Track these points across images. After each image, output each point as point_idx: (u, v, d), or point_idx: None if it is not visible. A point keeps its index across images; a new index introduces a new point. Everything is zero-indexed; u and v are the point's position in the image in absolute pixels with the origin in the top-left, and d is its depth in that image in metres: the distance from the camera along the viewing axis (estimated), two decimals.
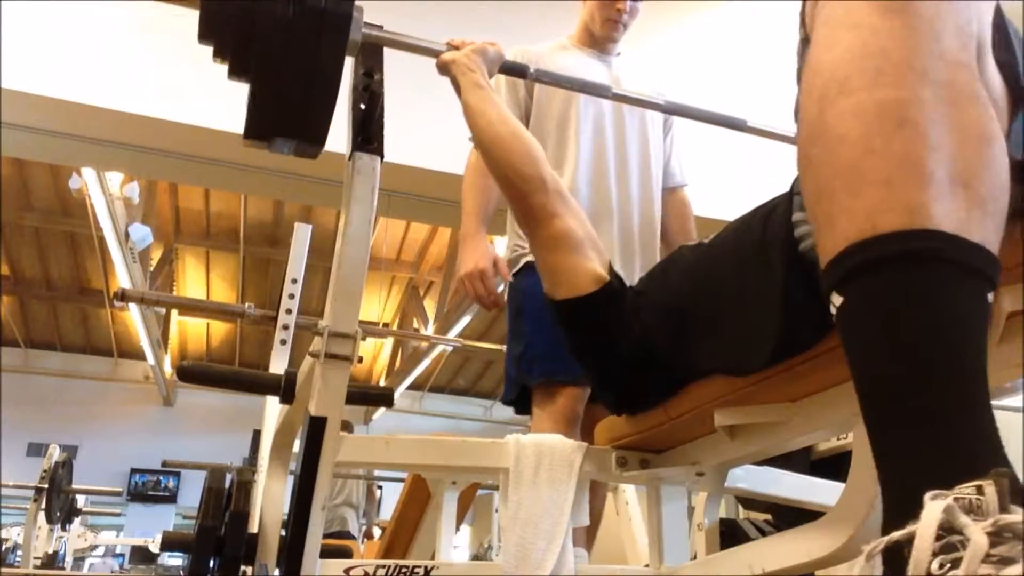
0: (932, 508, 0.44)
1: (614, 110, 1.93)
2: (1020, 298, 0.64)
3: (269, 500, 1.42)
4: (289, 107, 1.09)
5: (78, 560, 6.90)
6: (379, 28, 1.22)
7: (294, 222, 3.19)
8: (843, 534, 0.87)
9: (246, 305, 2.56)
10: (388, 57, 1.23)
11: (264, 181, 3.90)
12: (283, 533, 1.26)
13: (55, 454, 4.95)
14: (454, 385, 12.00)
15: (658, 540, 1.29)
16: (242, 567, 1.33)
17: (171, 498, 11.17)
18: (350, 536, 4.96)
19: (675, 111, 1.77)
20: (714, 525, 1.38)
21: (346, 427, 2.75)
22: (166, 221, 8.04)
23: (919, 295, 0.52)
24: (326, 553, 1.13)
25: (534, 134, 1.91)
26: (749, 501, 1.77)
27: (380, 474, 5.44)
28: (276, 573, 1.27)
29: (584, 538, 1.70)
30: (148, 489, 11.17)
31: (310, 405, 1.10)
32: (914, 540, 0.44)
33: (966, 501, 0.44)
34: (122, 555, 9.70)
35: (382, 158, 1.15)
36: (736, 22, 3.90)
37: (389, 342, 10.44)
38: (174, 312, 9.50)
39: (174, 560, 8.85)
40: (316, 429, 1.08)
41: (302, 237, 2.58)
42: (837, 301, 0.56)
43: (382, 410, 10.74)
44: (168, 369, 10.28)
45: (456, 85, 1.33)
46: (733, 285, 0.95)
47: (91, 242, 7.86)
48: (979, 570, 0.40)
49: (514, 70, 1.50)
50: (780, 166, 0.96)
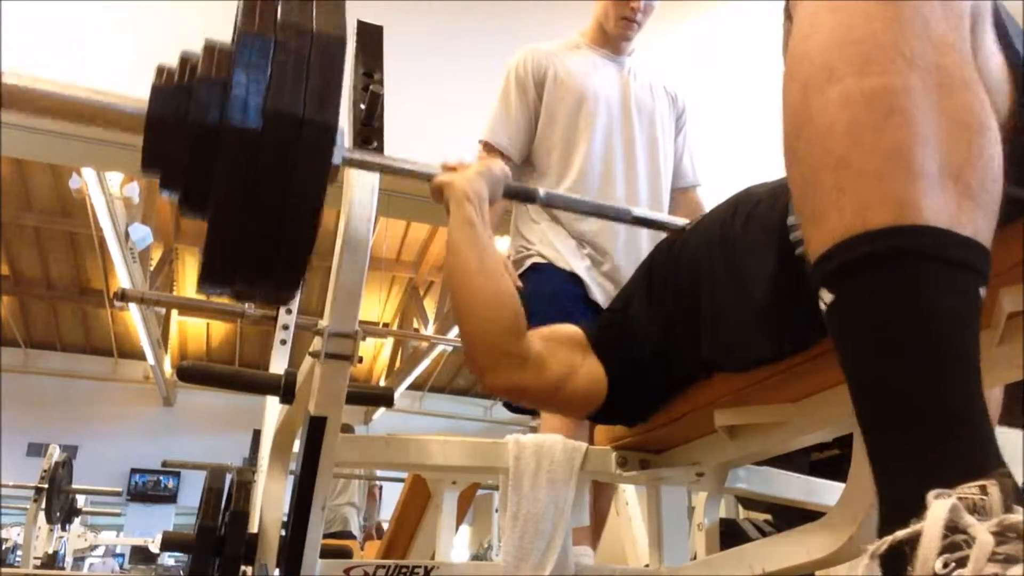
0: (938, 507, 0.44)
1: (623, 113, 1.92)
2: (1020, 299, 0.64)
3: (269, 500, 1.42)
4: (254, 253, 0.89)
5: (78, 560, 6.90)
6: (360, 150, 1.08)
7: None
8: (843, 534, 0.87)
9: (246, 305, 2.56)
10: (388, 57, 1.23)
11: None
12: (283, 533, 1.26)
13: (55, 454, 4.95)
14: (454, 385, 11.99)
15: (658, 540, 1.29)
16: (242, 567, 1.33)
17: (171, 498, 11.17)
18: (351, 536, 4.96)
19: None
20: (714, 525, 1.38)
21: (346, 430, 2.74)
22: (166, 221, 8.04)
23: (910, 293, 0.51)
24: (326, 553, 1.13)
25: (543, 137, 1.91)
26: (749, 501, 1.77)
27: (380, 474, 5.44)
28: (276, 573, 1.27)
29: (590, 537, 1.70)
30: (148, 489, 11.17)
31: (310, 405, 1.10)
32: (919, 539, 0.44)
33: (970, 501, 0.44)
34: (122, 555, 9.70)
35: None
36: (747, 20, 3.89)
37: (389, 342, 10.44)
38: (174, 312, 9.49)
39: (174, 560, 8.85)
40: (316, 429, 1.08)
41: None
42: (827, 298, 0.55)
43: (382, 410, 10.73)
44: (168, 369, 10.28)
45: (447, 212, 1.16)
46: (726, 281, 0.94)
47: (91, 242, 7.86)
48: (985, 569, 0.40)
49: (520, 195, 1.32)
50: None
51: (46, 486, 4.76)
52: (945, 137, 0.53)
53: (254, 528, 1.36)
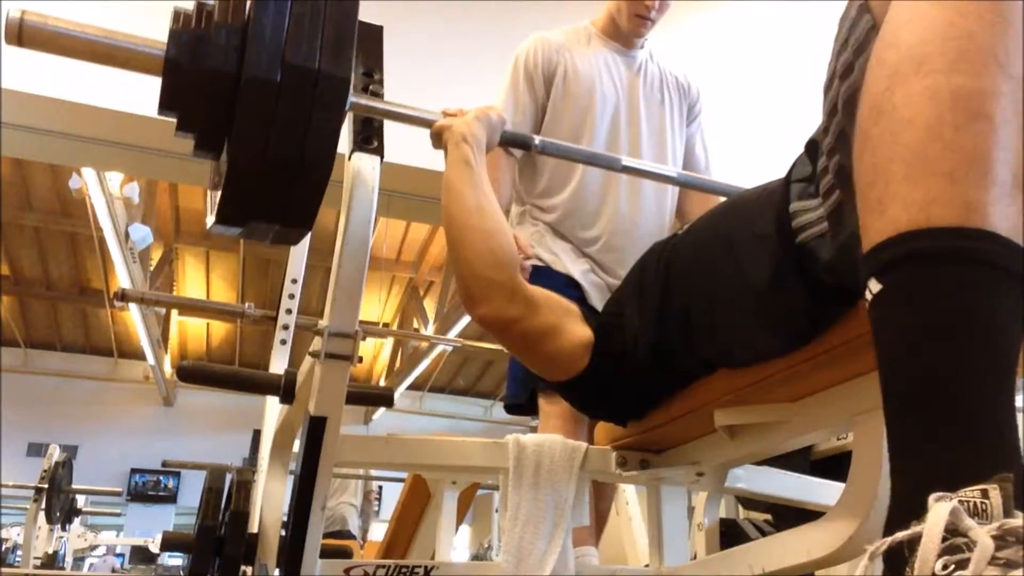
0: (938, 510, 0.44)
1: (629, 117, 1.89)
2: None
3: (269, 500, 1.42)
4: (271, 190, 0.91)
5: (78, 560, 6.91)
6: (367, 95, 1.11)
7: None
8: (843, 534, 0.87)
9: (246, 305, 2.56)
10: (388, 57, 1.23)
11: None
12: (283, 533, 1.26)
13: (55, 454, 4.95)
14: (454, 385, 11.99)
15: (658, 540, 1.29)
16: (242, 567, 1.33)
17: (171, 498, 11.18)
18: (350, 536, 4.96)
19: (685, 183, 1.73)
20: (714, 525, 1.38)
21: None
22: (166, 221, 8.04)
23: (963, 294, 0.51)
24: (326, 553, 1.13)
25: (547, 132, 1.89)
26: (749, 501, 1.77)
27: (380, 474, 5.44)
28: (276, 573, 1.27)
29: (594, 536, 1.70)
30: (148, 489, 11.17)
31: (310, 405, 1.10)
32: (919, 540, 0.44)
33: (971, 504, 0.44)
34: (122, 555, 9.70)
35: (382, 158, 1.15)
36: (752, 18, 3.89)
37: (389, 342, 10.44)
38: (174, 312, 9.50)
39: (174, 560, 8.85)
40: (316, 429, 1.08)
41: None
42: (875, 288, 0.54)
43: (382, 410, 10.73)
44: (168, 369, 10.28)
45: (445, 155, 1.20)
46: (724, 277, 0.94)
47: (91, 242, 7.86)
48: (985, 571, 0.41)
49: (516, 142, 1.35)
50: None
51: (46, 486, 4.76)
52: (1022, 148, 0.53)
53: (254, 528, 1.36)
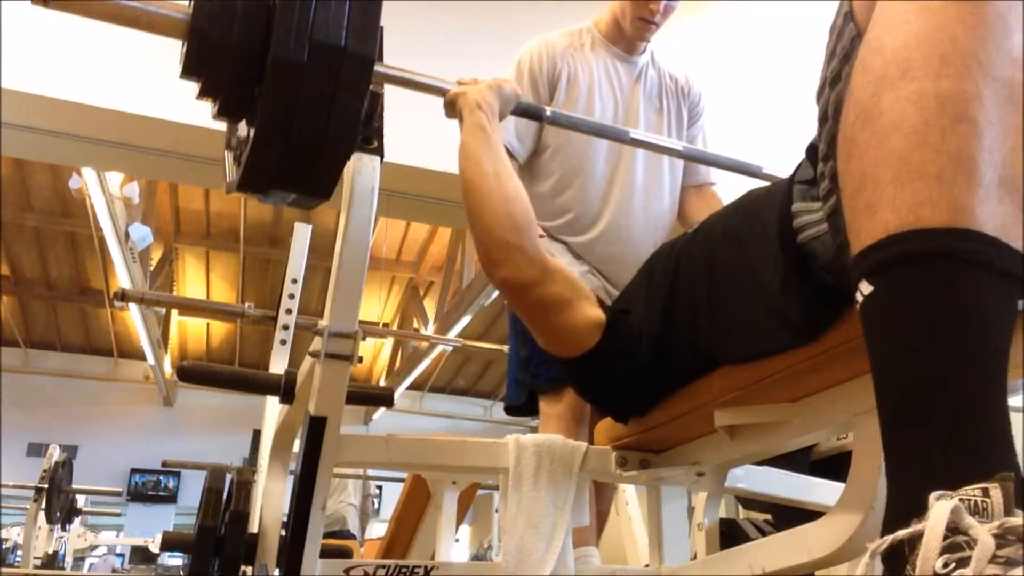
0: (940, 508, 0.44)
1: (627, 119, 1.89)
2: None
3: (269, 500, 1.42)
4: (297, 159, 0.94)
5: (78, 560, 6.90)
6: (379, 64, 1.12)
7: (294, 222, 3.18)
8: (843, 534, 0.87)
9: (246, 305, 2.56)
10: (388, 57, 1.23)
11: None
12: (283, 533, 1.26)
13: (55, 454, 4.95)
14: (454, 385, 11.99)
15: (658, 540, 1.29)
16: (242, 567, 1.33)
17: (171, 498, 11.17)
18: (350, 536, 4.96)
19: (689, 157, 1.73)
20: (714, 525, 1.38)
21: None
22: (166, 221, 8.04)
23: (954, 294, 0.52)
24: (326, 553, 1.13)
25: (544, 143, 1.89)
26: (749, 501, 1.76)
27: (380, 474, 5.44)
28: (276, 573, 1.27)
29: (595, 537, 1.70)
30: (148, 489, 11.17)
31: (310, 405, 1.10)
32: (920, 539, 0.44)
33: (971, 503, 0.44)
34: (122, 555, 9.70)
35: (382, 158, 1.15)
36: (760, 19, 3.89)
37: (389, 342, 10.44)
38: (174, 312, 9.50)
39: (174, 560, 8.85)
40: (316, 429, 1.08)
41: (302, 237, 2.58)
42: (866, 290, 0.55)
43: (382, 410, 10.73)
44: (168, 369, 10.28)
45: (460, 122, 1.23)
46: (729, 273, 0.95)
47: (91, 242, 7.86)
48: (986, 570, 0.41)
49: (529, 112, 1.39)
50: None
51: (46, 486, 4.76)
52: (1007, 151, 0.54)
53: (254, 528, 1.36)
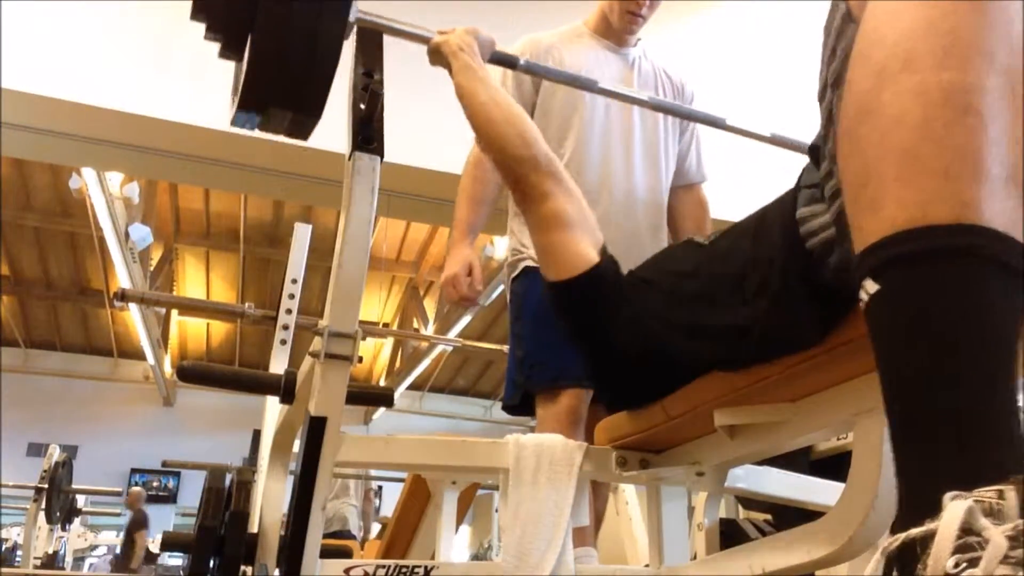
0: (954, 508, 0.44)
1: (622, 110, 1.90)
2: None
3: (269, 500, 1.42)
4: (287, 76, 1.08)
5: (78, 560, 6.90)
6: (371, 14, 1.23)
7: (294, 222, 3.19)
8: (843, 534, 0.87)
9: (246, 305, 2.56)
10: (388, 57, 1.23)
11: (264, 181, 3.90)
12: (283, 533, 1.26)
13: (55, 454, 4.95)
14: (454, 385, 12.00)
15: (658, 540, 1.29)
16: (242, 567, 1.33)
17: (171, 498, 11.18)
18: (350, 536, 4.96)
19: (657, 107, 1.77)
20: (714, 525, 1.38)
21: None
22: (166, 221, 8.05)
23: (962, 291, 0.51)
24: (326, 553, 1.13)
25: (537, 123, 1.89)
26: (749, 501, 1.77)
27: (380, 474, 5.44)
28: (276, 573, 1.27)
29: (594, 537, 1.70)
30: (148, 489, 11.17)
31: (310, 405, 1.10)
32: (932, 538, 0.44)
33: (987, 504, 0.44)
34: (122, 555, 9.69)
35: (382, 158, 1.15)
36: (751, 16, 3.89)
37: (389, 342, 10.44)
38: (174, 312, 9.51)
39: (174, 560, 8.84)
40: (316, 429, 1.08)
41: (302, 237, 2.59)
42: (871, 288, 0.54)
43: (382, 410, 10.73)
44: (168, 369, 10.29)
45: (448, 68, 1.32)
46: (734, 277, 0.95)
47: (91, 242, 7.86)
48: (996, 570, 0.41)
49: (503, 61, 1.47)
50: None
51: (46, 486, 4.76)
52: (1013, 143, 0.53)
53: (254, 528, 1.36)
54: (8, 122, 3.26)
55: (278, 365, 2.36)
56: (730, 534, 1.38)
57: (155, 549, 7.35)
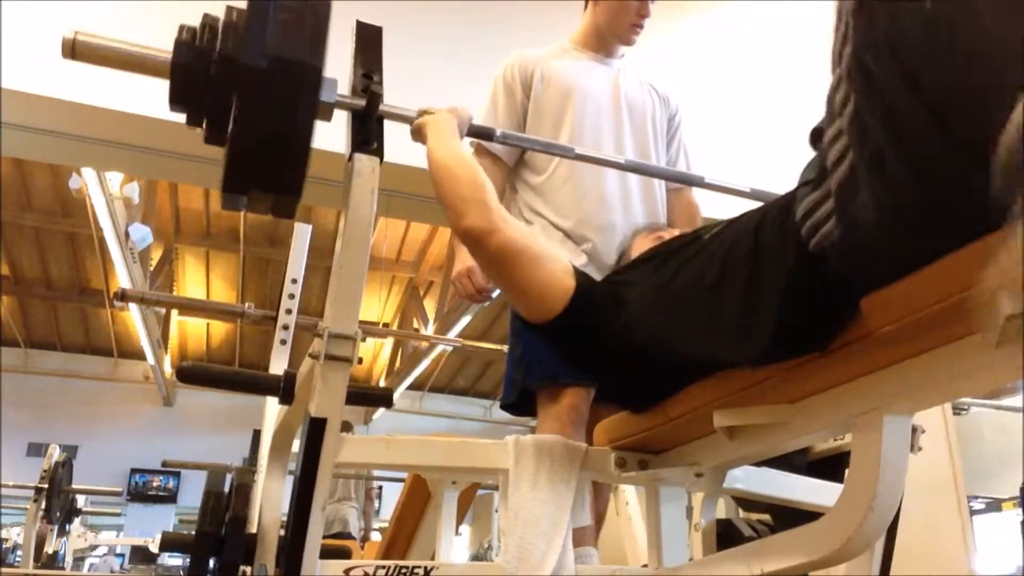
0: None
1: (612, 110, 1.93)
2: (1019, 301, 0.64)
3: (269, 500, 1.42)
4: (265, 164, 1.09)
5: (78, 560, 6.90)
6: (347, 96, 1.19)
7: (294, 222, 3.19)
8: (841, 535, 0.87)
9: (246, 305, 2.57)
10: (387, 57, 1.23)
11: None
12: (282, 533, 1.26)
13: (55, 454, 4.95)
14: (454, 385, 11.99)
15: (657, 540, 1.29)
16: (241, 567, 1.33)
17: (171, 498, 11.17)
18: (350, 536, 4.96)
19: (633, 169, 1.80)
20: (711, 525, 1.38)
21: (346, 427, 2.73)
22: (166, 221, 8.04)
23: None
24: (326, 553, 1.13)
25: (531, 128, 1.92)
26: (748, 501, 1.77)
27: (380, 474, 5.44)
28: (276, 573, 1.27)
29: (594, 537, 1.70)
30: (148, 489, 11.17)
31: (310, 406, 1.10)
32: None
33: None
34: (122, 555, 9.70)
35: (382, 159, 1.15)
36: (739, 22, 3.89)
37: (389, 342, 10.44)
38: (174, 312, 9.50)
39: (174, 560, 8.84)
40: (316, 430, 1.08)
41: (302, 237, 2.59)
42: None
43: (382, 410, 10.73)
44: (168, 369, 10.28)
45: (426, 142, 1.29)
46: (732, 278, 0.95)
47: (91, 242, 7.86)
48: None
49: (480, 133, 1.49)
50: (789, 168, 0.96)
51: (46, 486, 4.76)
52: None
53: (253, 528, 1.36)
54: (8, 122, 3.26)
55: (278, 365, 2.37)
56: (727, 535, 1.39)
57: (155, 549, 7.34)
